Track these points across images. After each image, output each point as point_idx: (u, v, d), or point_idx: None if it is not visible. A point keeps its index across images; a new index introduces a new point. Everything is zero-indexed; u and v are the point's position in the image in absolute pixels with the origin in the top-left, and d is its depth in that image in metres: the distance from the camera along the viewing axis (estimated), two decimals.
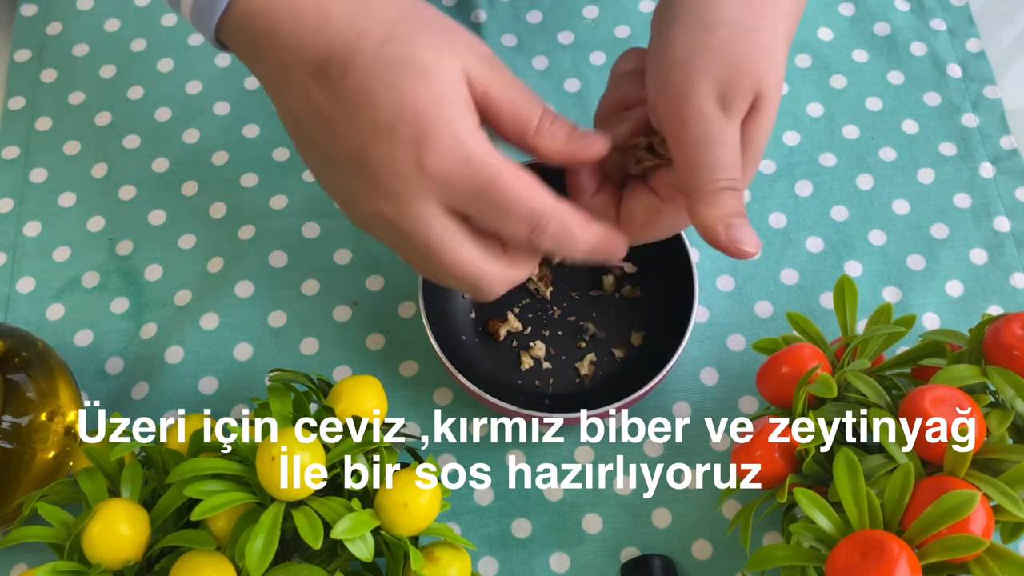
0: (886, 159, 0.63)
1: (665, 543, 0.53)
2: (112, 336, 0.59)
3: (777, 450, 0.47)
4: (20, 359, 0.52)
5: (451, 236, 0.42)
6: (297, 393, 0.48)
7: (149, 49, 0.68)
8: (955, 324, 0.58)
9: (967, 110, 0.65)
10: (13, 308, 0.60)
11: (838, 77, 0.66)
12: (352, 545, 0.42)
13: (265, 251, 0.61)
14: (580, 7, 0.69)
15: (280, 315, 0.59)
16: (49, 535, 0.44)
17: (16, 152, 0.64)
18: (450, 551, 0.46)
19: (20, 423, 0.50)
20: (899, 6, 0.69)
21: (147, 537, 0.44)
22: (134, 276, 0.61)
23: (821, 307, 0.59)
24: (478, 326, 0.58)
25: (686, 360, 0.58)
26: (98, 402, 0.57)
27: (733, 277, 0.60)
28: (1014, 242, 0.61)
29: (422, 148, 0.39)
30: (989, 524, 0.41)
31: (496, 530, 0.54)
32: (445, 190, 0.40)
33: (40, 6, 0.69)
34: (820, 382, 0.47)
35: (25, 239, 0.62)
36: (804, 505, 0.42)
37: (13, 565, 0.53)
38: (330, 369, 0.58)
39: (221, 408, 0.57)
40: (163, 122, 0.65)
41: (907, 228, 0.61)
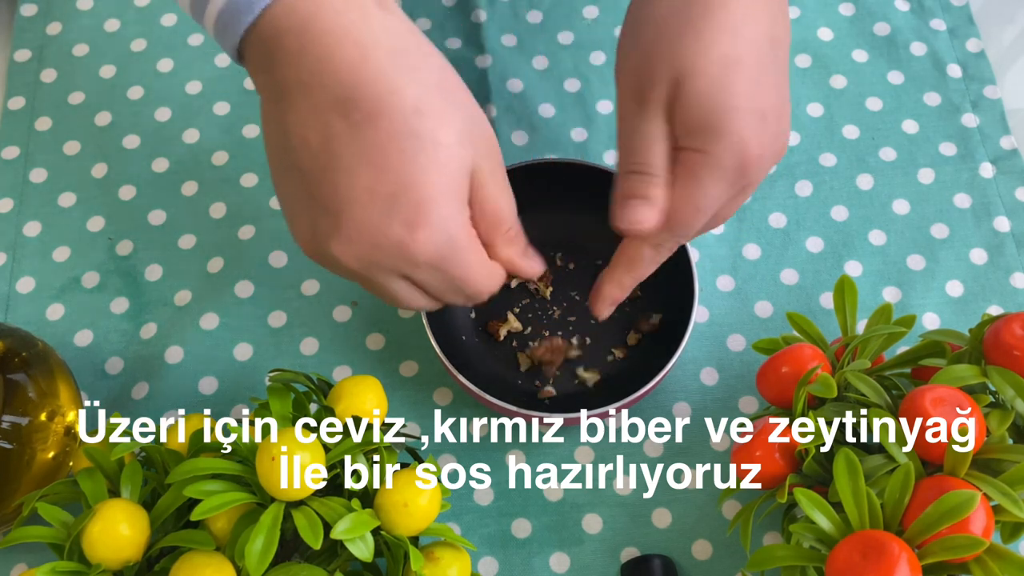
0: (886, 159, 0.63)
1: (665, 543, 0.53)
2: (112, 336, 0.59)
3: (777, 450, 0.47)
4: (20, 359, 0.52)
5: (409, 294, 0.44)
6: (297, 393, 0.48)
7: (149, 49, 0.68)
8: (955, 324, 0.58)
9: (967, 110, 0.65)
10: (13, 308, 0.60)
11: (838, 77, 0.66)
12: (352, 545, 0.42)
13: (265, 251, 0.61)
14: (580, 7, 0.69)
15: (280, 315, 0.59)
16: (49, 535, 0.44)
17: (16, 152, 0.64)
18: (450, 551, 0.46)
19: (20, 423, 0.50)
20: (899, 6, 0.69)
21: (147, 537, 0.44)
22: (134, 276, 0.61)
23: (821, 307, 0.59)
24: (478, 326, 0.58)
25: (686, 360, 0.58)
26: (98, 402, 0.57)
27: (733, 277, 0.60)
28: (1014, 242, 0.61)
29: (414, 233, 0.40)
30: (989, 524, 0.41)
31: (496, 530, 0.54)
32: (416, 271, 0.42)
33: (40, 6, 0.69)
34: (820, 382, 0.47)
35: (25, 239, 0.62)
36: (804, 505, 0.42)
37: (13, 565, 0.53)
38: (330, 369, 0.58)
39: (221, 408, 0.57)
40: (163, 122, 0.65)
41: (907, 228, 0.61)
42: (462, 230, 0.42)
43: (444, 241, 0.41)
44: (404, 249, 0.40)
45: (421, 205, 0.39)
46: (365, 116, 0.39)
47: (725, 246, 0.61)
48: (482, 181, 0.42)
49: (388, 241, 0.40)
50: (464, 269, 0.42)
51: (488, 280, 0.44)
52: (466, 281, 0.43)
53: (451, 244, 0.41)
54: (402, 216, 0.40)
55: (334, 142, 0.39)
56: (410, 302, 0.44)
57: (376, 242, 0.40)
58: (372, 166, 0.39)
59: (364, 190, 0.39)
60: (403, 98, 0.39)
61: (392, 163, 0.39)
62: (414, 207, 0.39)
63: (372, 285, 0.43)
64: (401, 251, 0.40)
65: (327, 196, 0.40)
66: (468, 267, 0.42)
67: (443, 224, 0.40)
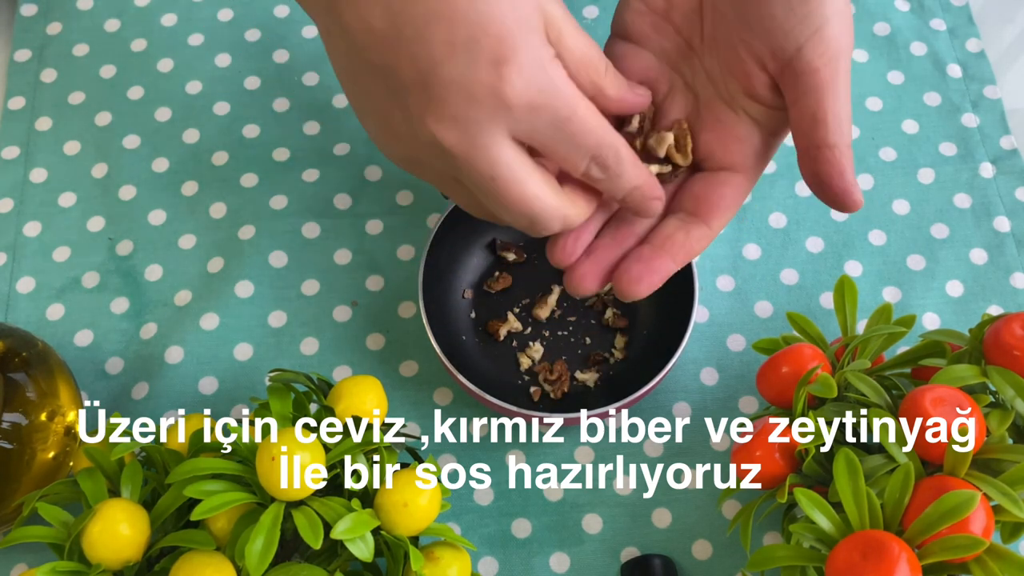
0: (886, 159, 0.63)
1: (665, 543, 0.53)
2: (112, 336, 0.59)
3: (777, 450, 0.47)
4: (20, 359, 0.52)
5: (519, 168, 0.40)
6: (297, 393, 0.48)
7: (149, 49, 0.68)
8: (955, 324, 0.58)
9: (967, 110, 0.65)
10: (13, 308, 0.60)
11: None
12: (352, 545, 0.42)
13: (265, 251, 0.61)
14: (580, 7, 0.69)
15: (280, 315, 0.59)
16: (49, 535, 0.44)
17: (16, 152, 0.64)
18: (450, 551, 0.46)
19: (20, 423, 0.50)
20: (899, 6, 0.69)
21: (147, 537, 0.44)
22: (134, 276, 0.61)
23: (821, 307, 0.59)
24: (478, 326, 0.58)
25: (686, 360, 0.58)
26: (98, 402, 0.57)
27: (733, 277, 0.60)
28: (1014, 242, 0.61)
29: (504, 71, 0.37)
30: (989, 524, 0.41)
31: (496, 530, 0.54)
32: (522, 119, 0.38)
33: (40, 6, 0.69)
34: (820, 382, 0.47)
35: (25, 239, 0.62)
36: (804, 505, 0.42)
37: (13, 565, 0.53)
38: (330, 369, 0.58)
39: (221, 408, 0.57)
40: (163, 122, 0.65)
41: (907, 228, 0.61)
42: (554, 65, 0.39)
43: (539, 76, 0.38)
44: (498, 92, 0.37)
45: (504, 40, 0.37)
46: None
47: (725, 246, 0.61)
48: (560, 29, 0.40)
49: (481, 88, 0.37)
50: (572, 108, 0.39)
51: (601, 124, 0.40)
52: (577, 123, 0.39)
53: (548, 79, 0.38)
54: (486, 56, 0.37)
55: (399, 15, 0.37)
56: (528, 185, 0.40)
57: (469, 94, 0.37)
58: (442, 19, 0.37)
59: (442, 46, 0.37)
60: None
61: (460, 9, 0.37)
62: (496, 43, 0.37)
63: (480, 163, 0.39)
64: (496, 95, 0.37)
65: (408, 73, 0.38)
66: (576, 106, 0.39)
67: (532, 56, 0.38)
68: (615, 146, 0.41)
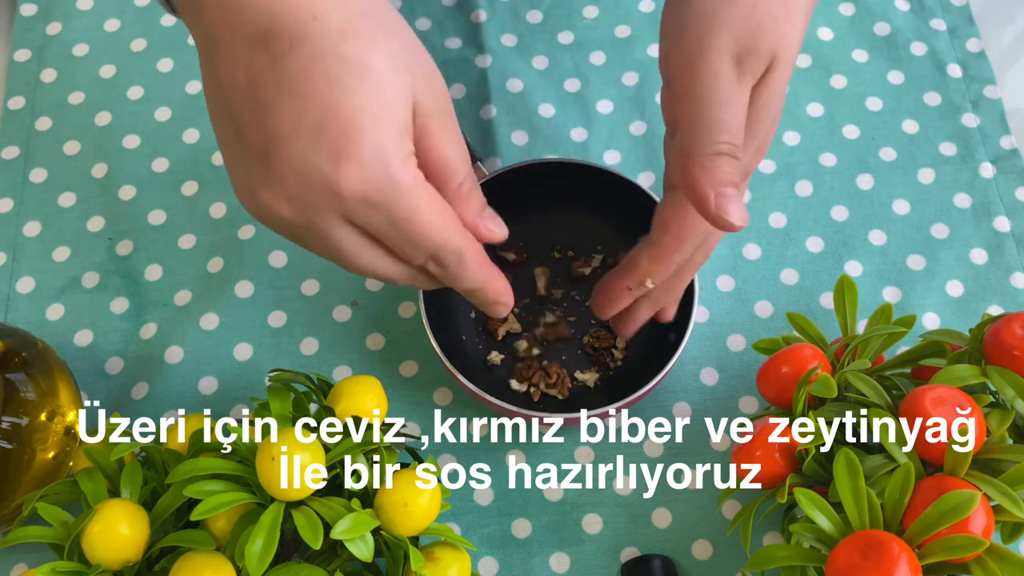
0: (886, 159, 0.63)
1: (665, 543, 0.53)
2: (112, 336, 0.59)
3: (777, 450, 0.47)
4: (20, 359, 0.52)
5: (354, 245, 0.40)
6: (297, 393, 0.48)
7: (149, 49, 0.68)
8: (955, 324, 0.58)
9: (967, 110, 0.65)
10: (13, 308, 0.60)
11: (838, 77, 0.66)
12: (352, 545, 0.42)
13: (265, 251, 0.61)
14: (580, 7, 0.69)
15: (280, 315, 0.59)
16: (49, 535, 0.44)
17: (16, 152, 0.64)
18: (450, 551, 0.46)
19: (20, 423, 0.50)
20: (899, 6, 0.69)
21: (147, 537, 0.44)
22: (134, 276, 0.61)
23: (821, 307, 0.59)
24: (478, 326, 0.58)
25: (686, 360, 0.58)
26: (98, 402, 0.57)
27: (733, 277, 0.60)
28: (1014, 242, 0.61)
29: (342, 164, 0.36)
30: (989, 524, 0.41)
31: (496, 530, 0.54)
32: (357, 211, 0.38)
33: (40, 6, 0.69)
34: (820, 382, 0.47)
35: (25, 239, 0.62)
36: (804, 505, 0.42)
37: (13, 565, 0.53)
38: (330, 369, 0.58)
39: (221, 408, 0.57)
40: (163, 122, 0.65)
41: (907, 228, 0.61)
42: (403, 164, 0.37)
43: (379, 174, 0.36)
44: (333, 184, 0.36)
45: (350, 133, 0.36)
46: (288, 46, 0.36)
47: (725, 246, 0.61)
48: (424, 124, 0.38)
49: (317, 175, 0.36)
50: (410, 212, 0.37)
51: (443, 230, 0.39)
52: (415, 226, 0.38)
53: (389, 178, 0.37)
54: (329, 145, 0.36)
55: (259, 78, 0.37)
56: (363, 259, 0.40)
57: (304, 177, 0.36)
58: (297, 96, 0.36)
59: (290, 122, 0.36)
60: (327, 22, 0.36)
61: (317, 89, 0.36)
62: (342, 134, 0.36)
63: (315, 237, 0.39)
64: (329, 185, 0.36)
65: (255, 137, 0.37)
66: (415, 210, 0.38)
67: (376, 154, 0.36)
68: (458, 249, 0.40)
